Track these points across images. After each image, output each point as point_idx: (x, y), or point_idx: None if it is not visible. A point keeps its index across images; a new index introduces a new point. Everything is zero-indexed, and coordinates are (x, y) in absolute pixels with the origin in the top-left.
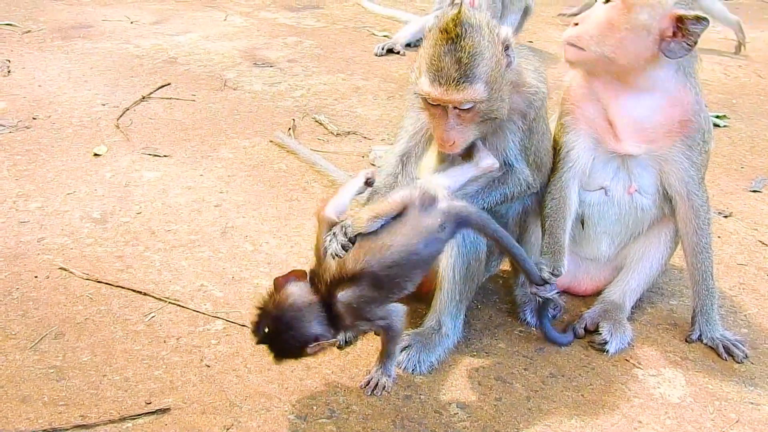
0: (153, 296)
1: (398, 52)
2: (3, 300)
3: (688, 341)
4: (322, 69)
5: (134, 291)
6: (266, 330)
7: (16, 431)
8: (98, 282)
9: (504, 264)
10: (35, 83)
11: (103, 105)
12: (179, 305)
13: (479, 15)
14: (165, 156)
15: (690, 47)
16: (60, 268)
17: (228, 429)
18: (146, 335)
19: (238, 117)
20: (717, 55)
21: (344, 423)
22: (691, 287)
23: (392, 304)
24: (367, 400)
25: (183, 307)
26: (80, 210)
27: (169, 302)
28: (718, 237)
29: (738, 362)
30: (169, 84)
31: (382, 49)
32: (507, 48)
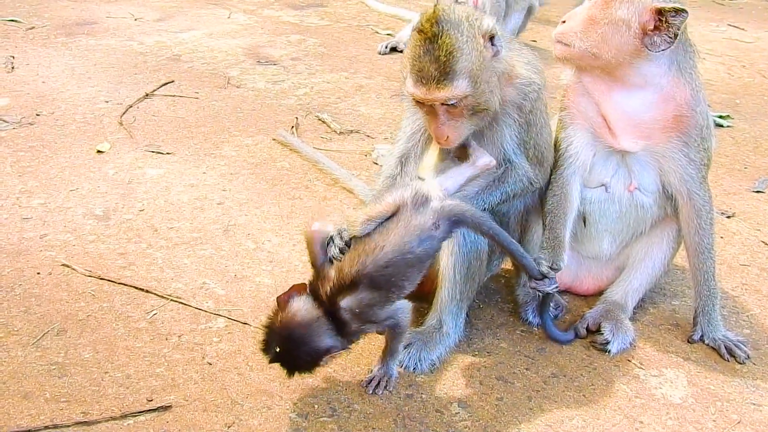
0: (155, 294)
1: (401, 51)
2: (5, 296)
3: (690, 342)
4: (326, 67)
5: (136, 288)
6: (277, 350)
7: (18, 427)
8: (100, 279)
9: (506, 263)
10: (39, 79)
11: (107, 102)
12: (181, 303)
13: (459, 9)
14: (168, 153)
15: (671, 39)
16: (62, 265)
17: (229, 427)
18: (148, 332)
19: (241, 115)
20: (721, 55)
21: (345, 421)
22: (694, 287)
23: (398, 302)
24: (369, 399)
25: (185, 305)
26: (83, 207)
27: (171, 300)
28: (721, 237)
29: (740, 363)
30: (173, 81)
31: (386, 48)
32: (492, 38)
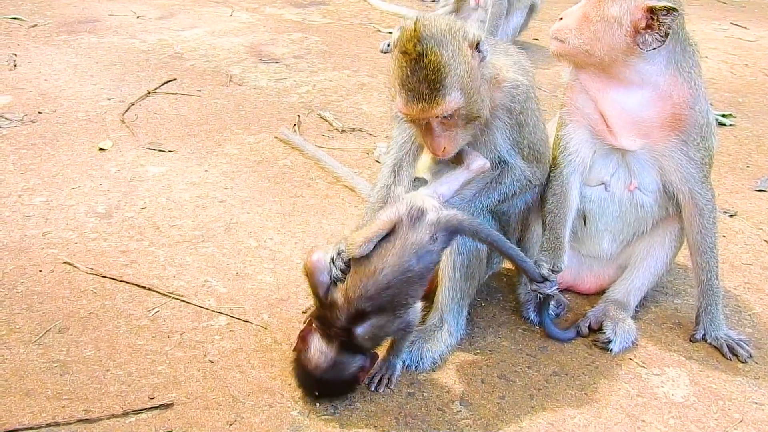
0: (157, 291)
1: None
2: (7, 294)
3: (693, 341)
4: (328, 65)
5: (138, 286)
6: (317, 393)
7: (20, 425)
8: (102, 276)
9: (507, 262)
10: (41, 77)
11: (109, 100)
12: (183, 300)
13: (439, 22)
14: (170, 151)
15: (663, 38)
16: (64, 263)
17: (231, 425)
18: (150, 330)
19: (244, 113)
20: (723, 54)
21: (347, 419)
22: (696, 286)
23: None
24: (371, 397)
25: (187, 303)
26: (85, 204)
27: (173, 297)
28: (723, 236)
29: (742, 362)
30: (175, 79)
31: (388, 46)
32: (477, 45)
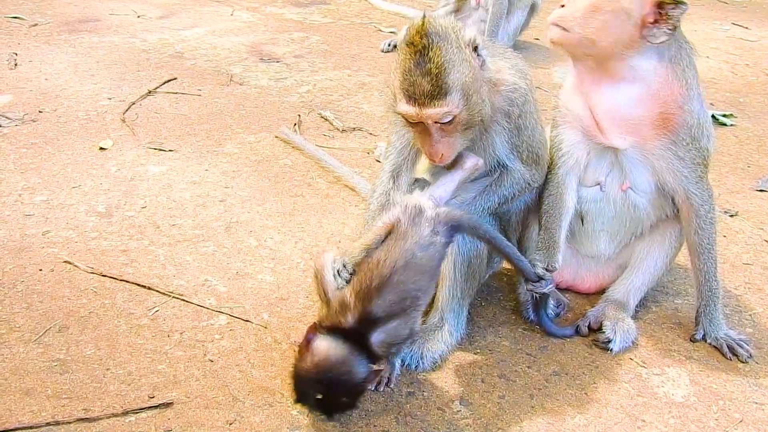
0: (157, 290)
1: None
2: (7, 293)
3: (693, 340)
4: (329, 65)
5: (138, 285)
6: (319, 396)
7: (19, 424)
8: (102, 276)
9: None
10: (42, 76)
11: (109, 99)
12: (183, 300)
13: (444, 22)
14: (170, 150)
15: (671, 32)
16: (65, 262)
17: (231, 424)
18: (150, 329)
19: (244, 112)
20: (725, 54)
21: (347, 418)
22: (695, 287)
23: None
24: (370, 396)
25: (187, 302)
26: (85, 204)
27: (173, 297)
28: (724, 236)
29: (742, 362)
30: (175, 78)
31: (389, 45)
32: (476, 49)
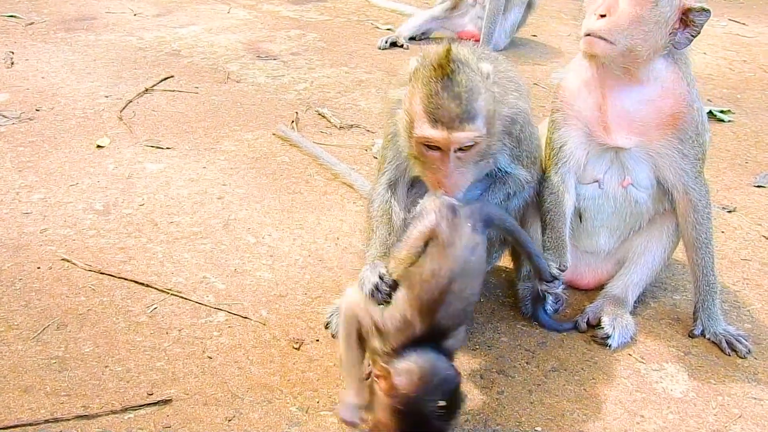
0: (155, 288)
1: (402, 46)
2: (6, 291)
3: (691, 336)
4: (326, 62)
5: (136, 282)
6: (441, 403)
7: (18, 421)
8: (101, 273)
9: (504, 259)
10: (39, 75)
11: (106, 97)
12: (181, 297)
13: (464, 49)
14: (168, 148)
15: (693, 37)
16: (62, 260)
17: (230, 420)
18: (148, 327)
19: (241, 110)
20: (722, 50)
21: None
22: (693, 282)
23: None
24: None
25: (185, 299)
26: (83, 201)
27: (172, 294)
28: (722, 232)
29: (741, 357)
30: (172, 76)
31: (386, 43)
32: (488, 77)
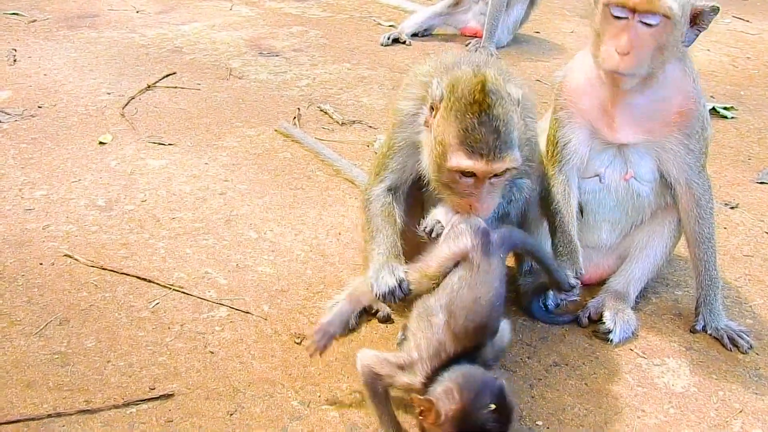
0: (157, 283)
1: (404, 42)
2: (8, 286)
3: (693, 331)
4: (328, 58)
5: (139, 278)
6: (493, 406)
7: (21, 416)
8: (103, 269)
9: None
10: (41, 72)
11: (109, 94)
12: (183, 292)
13: (491, 74)
14: (170, 144)
15: (700, 32)
16: (65, 255)
17: (231, 414)
18: (150, 322)
19: (243, 106)
20: (726, 47)
21: (347, 409)
22: (695, 277)
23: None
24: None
25: (187, 294)
26: (85, 198)
27: (174, 289)
28: (724, 228)
29: (743, 353)
30: (175, 73)
31: (388, 39)
32: (518, 104)
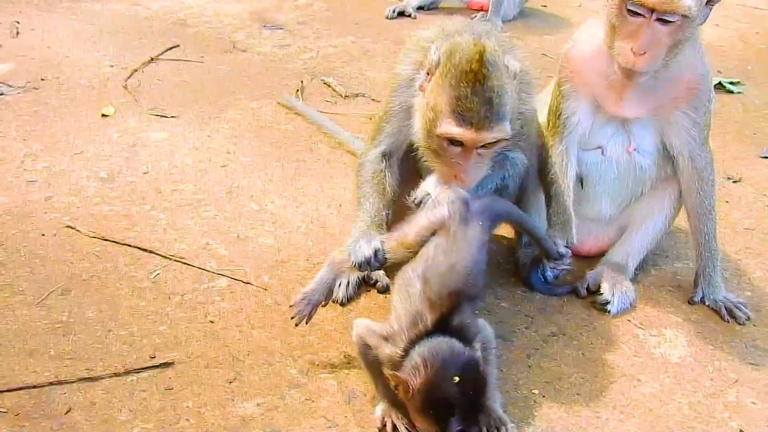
0: (158, 254)
1: (409, 15)
2: (11, 257)
3: (691, 303)
4: (332, 31)
5: (140, 249)
6: (456, 379)
7: (23, 384)
8: (104, 240)
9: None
10: (44, 44)
11: (112, 66)
12: (184, 263)
13: (491, 44)
14: (172, 117)
15: (713, 7)
16: (67, 227)
17: (230, 382)
18: (151, 292)
19: (247, 79)
20: (734, 22)
21: (345, 378)
22: (694, 249)
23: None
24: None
25: (188, 265)
26: (87, 169)
27: (175, 260)
28: (726, 202)
29: (740, 324)
30: (178, 46)
31: (394, 12)
32: (514, 77)
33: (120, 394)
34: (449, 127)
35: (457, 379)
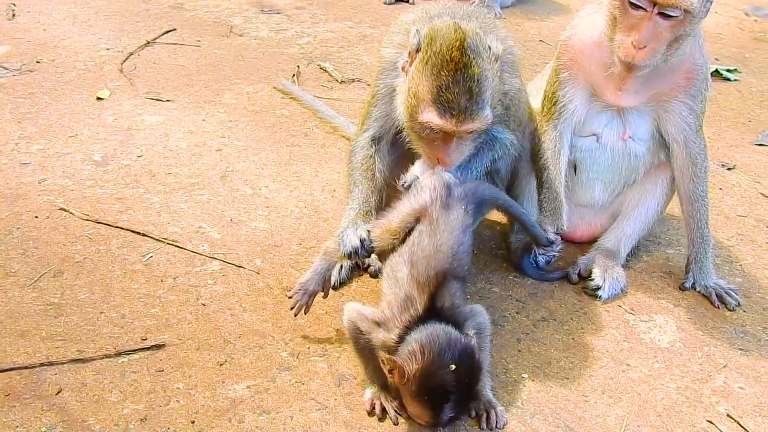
0: (151, 237)
1: (408, 1)
2: (4, 239)
3: (682, 289)
4: (330, 16)
5: (133, 232)
6: (453, 367)
7: (14, 364)
8: (98, 222)
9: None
10: (40, 27)
11: (108, 49)
12: (177, 246)
13: (472, 28)
14: (168, 101)
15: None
16: (60, 209)
17: (221, 365)
18: (144, 274)
19: (243, 63)
20: (732, 9)
21: (335, 361)
22: (687, 235)
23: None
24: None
25: (181, 248)
26: (81, 152)
27: (167, 243)
28: (720, 189)
29: (730, 310)
30: (175, 29)
31: None
32: (496, 60)
33: (111, 376)
34: (431, 117)
35: (453, 367)
